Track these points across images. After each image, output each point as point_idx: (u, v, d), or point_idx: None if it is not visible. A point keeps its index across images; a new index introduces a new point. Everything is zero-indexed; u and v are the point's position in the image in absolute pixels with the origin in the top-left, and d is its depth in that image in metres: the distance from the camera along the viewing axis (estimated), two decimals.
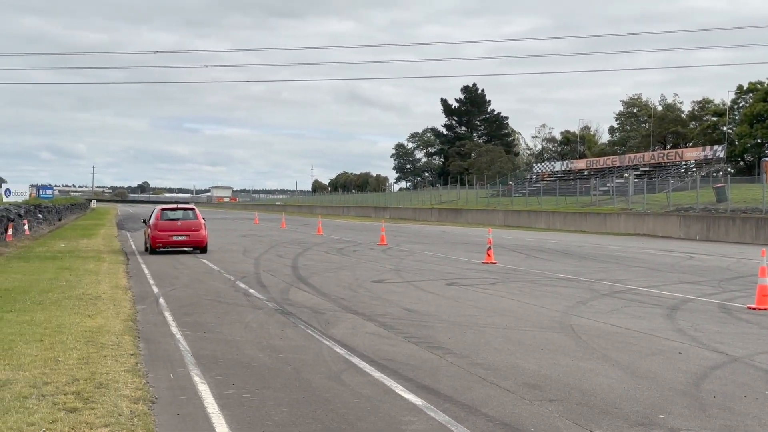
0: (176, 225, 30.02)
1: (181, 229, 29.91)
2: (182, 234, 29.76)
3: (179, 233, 29.73)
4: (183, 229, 29.91)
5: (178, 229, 29.88)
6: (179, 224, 30.11)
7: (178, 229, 29.86)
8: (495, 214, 74.10)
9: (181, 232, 29.80)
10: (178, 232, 29.76)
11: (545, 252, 32.41)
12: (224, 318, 13.79)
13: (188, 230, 29.96)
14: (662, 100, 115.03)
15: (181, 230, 29.85)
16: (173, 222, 30.14)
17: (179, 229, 29.89)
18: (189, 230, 29.97)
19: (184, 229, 29.93)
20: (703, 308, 15.46)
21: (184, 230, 29.90)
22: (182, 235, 29.75)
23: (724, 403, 8.19)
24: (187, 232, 29.88)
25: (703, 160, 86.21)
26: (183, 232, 29.81)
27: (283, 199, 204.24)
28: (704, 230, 47.23)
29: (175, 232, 29.69)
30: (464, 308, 15.20)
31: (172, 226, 29.87)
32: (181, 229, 29.88)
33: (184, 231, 29.87)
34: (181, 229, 29.89)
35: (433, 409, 7.87)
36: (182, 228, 29.95)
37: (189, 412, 7.76)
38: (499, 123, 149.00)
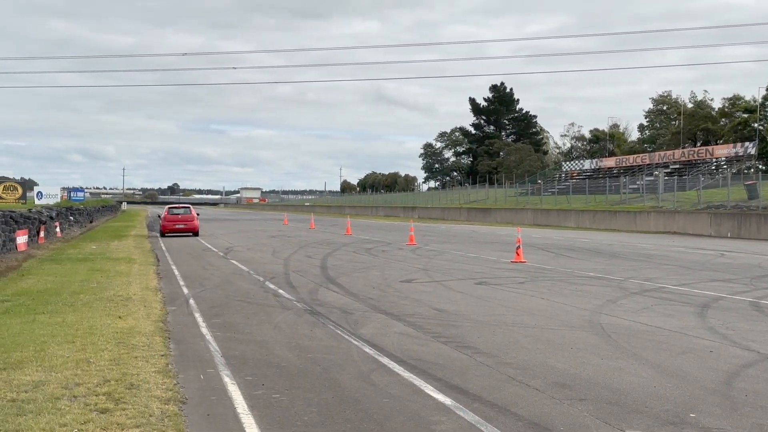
0: (177, 218, 45.02)
1: (180, 220, 44.83)
2: (181, 223, 44.56)
3: (180, 223, 44.64)
4: (182, 220, 44.83)
5: (179, 220, 44.81)
6: (179, 217, 45.09)
7: (179, 220, 44.79)
8: (524, 213, 73.88)
9: (180, 222, 44.73)
10: (179, 222, 44.68)
11: (574, 251, 32.28)
12: (253, 318, 13.84)
13: (185, 221, 44.79)
14: (692, 97, 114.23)
15: (180, 221, 44.74)
16: (176, 216, 45.28)
17: (179, 220, 44.81)
18: (186, 221, 44.80)
19: (183, 220, 44.83)
20: (735, 306, 15.35)
21: (183, 221, 44.78)
22: (181, 224, 44.53)
23: (756, 401, 8.12)
24: (184, 222, 44.73)
25: (734, 157, 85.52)
26: (182, 222, 44.71)
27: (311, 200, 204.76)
28: (735, 228, 46.85)
29: (177, 222, 44.65)
30: (493, 307, 15.17)
31: (175, 219, 44.88)
32: (180, 220, 44.80)
33: (183, 221, 44.77)
34: (181, 220, 44.81)
35: (463, 408, 7.87)
36: (181, 219, 44.88)
37: (219, 413, 7.80)
38: (528, 122, 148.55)
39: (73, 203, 67.54)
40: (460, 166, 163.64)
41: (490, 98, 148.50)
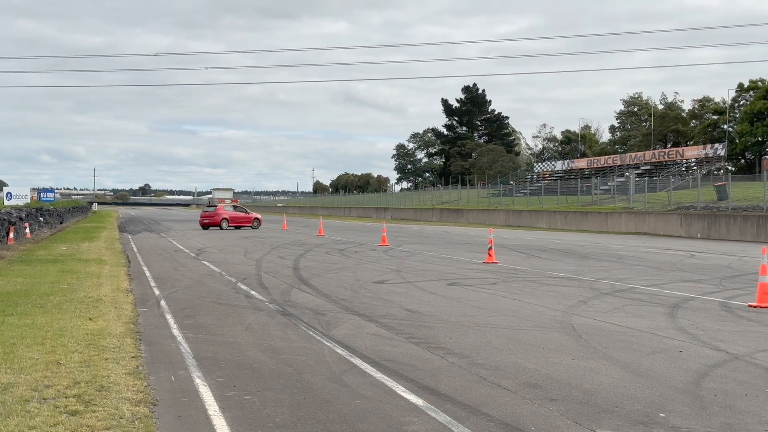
0: (207, 213, 56.85)
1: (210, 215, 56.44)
2: (207, 218, 56.05)
3: (208, 218, 56.06)
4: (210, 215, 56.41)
5: (209, 215, 56.37)
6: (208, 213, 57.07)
7: (208, 216, 56.33)
8: (496, 214, 74.09)
9: (209, 217, 56.21)
10: (208, 217, 56.13)
11: (546, 251, 32.41)
12: (225, 320, 13.80)
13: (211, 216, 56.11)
14: (663, 98, 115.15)
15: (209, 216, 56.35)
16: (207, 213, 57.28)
17: (209, 215, 56.36)
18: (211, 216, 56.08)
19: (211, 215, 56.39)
20: (704, 306, 15.47)
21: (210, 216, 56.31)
22: (207, 218, 56.03)
23: (724, 401, 8.19)
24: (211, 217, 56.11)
25: (704, 159, 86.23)
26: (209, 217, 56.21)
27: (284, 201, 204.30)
28: (705, 228, 47.23)
29: (207, 218, 56.12)
30: (465, 308, 15.21)
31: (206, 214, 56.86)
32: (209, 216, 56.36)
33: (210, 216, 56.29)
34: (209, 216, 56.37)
35: (434, 409, 7.88)
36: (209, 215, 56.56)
37: (190, 415, 7.77)
38: (500, 123, 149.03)
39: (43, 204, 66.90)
40: (432, 167, 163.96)
41: (462, 99, 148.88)
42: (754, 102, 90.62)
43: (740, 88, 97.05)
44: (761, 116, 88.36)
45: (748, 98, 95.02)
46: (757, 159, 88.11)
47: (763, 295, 15.27)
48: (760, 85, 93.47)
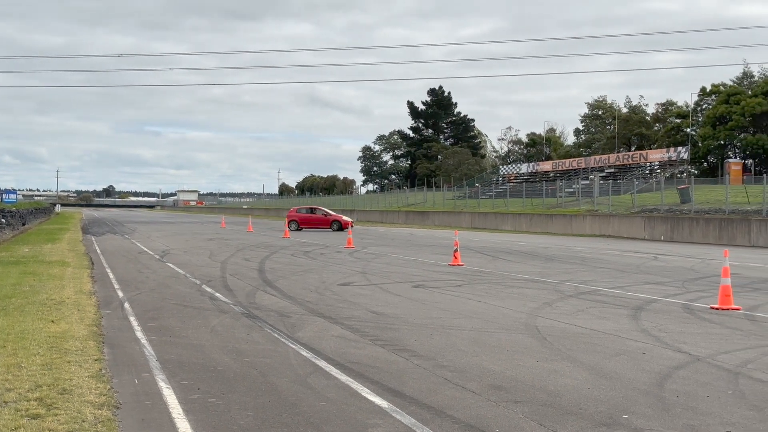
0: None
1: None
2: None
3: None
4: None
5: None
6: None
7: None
8: (462, 216, 74.28)
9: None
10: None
11: (511, 254, 32.54)
12: (190, 322, 13.72)
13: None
14: (627, 102, 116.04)
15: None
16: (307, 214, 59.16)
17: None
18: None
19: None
20: (667, 309, 15.60)
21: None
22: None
23: (686, 402, 8.26)
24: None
25: (667, 162, 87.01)
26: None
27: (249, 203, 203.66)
28: (669, 231, 47.64)
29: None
30: (431, 310, 15.23)
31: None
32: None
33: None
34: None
35: (399, 411, 7.88)
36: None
37: (154, 418, 7.72)
38: (466, 125, 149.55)
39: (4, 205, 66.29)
40: (398, 169, 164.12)
41: (428, 102, 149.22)
42: (717, 106, 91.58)
43: (703, 92, 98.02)
44: (723, 120, 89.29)
45: (711, 102, 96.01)
46: (719, 162, 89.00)
47: (725, 297, 15.42)
48: (722, 90, 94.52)
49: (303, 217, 59.01)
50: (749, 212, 44.30)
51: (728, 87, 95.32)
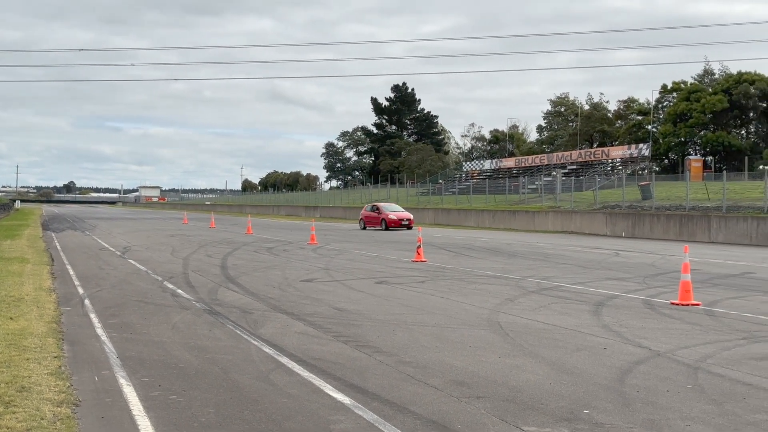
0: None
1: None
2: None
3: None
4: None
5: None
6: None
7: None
8: (425, 212, 74.40)
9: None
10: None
11: (474, 250, 32.64)
12: (151, 319, 13.62)
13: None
14: (589, 99, 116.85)
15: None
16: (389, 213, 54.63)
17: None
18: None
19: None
20: (628, 304, 15.71)
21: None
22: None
23: (647, 397, 8.32)
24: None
25: (629, 159, 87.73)
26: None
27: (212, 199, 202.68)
28: (630, 227, 48.00)
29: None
30: (393, 307, 15.24)
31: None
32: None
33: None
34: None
35: (361, 407, 7.87)
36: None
37: (114, 415, 7.65)
38: (429, 122, 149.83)
39: None
40: (362, 165, 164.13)
41: (391, 98, 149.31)
42: (677, 103, 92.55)
43: (664, 90, 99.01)
44: (684, 117, 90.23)
45: (672, 100, 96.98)
46: (680, 159, 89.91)
47: (684, 292, 15.56)
48: (683, 87, 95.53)
49: (367, 216, 56.27)
50: (709, 209, 44.76)
51: (689, 85, 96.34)
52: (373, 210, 56.12)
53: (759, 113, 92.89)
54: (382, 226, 53.39)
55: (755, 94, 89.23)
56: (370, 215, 55.85)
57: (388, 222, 53.16)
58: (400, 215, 54.44)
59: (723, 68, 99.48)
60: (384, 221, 53.51)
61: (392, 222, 53.05)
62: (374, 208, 56.41)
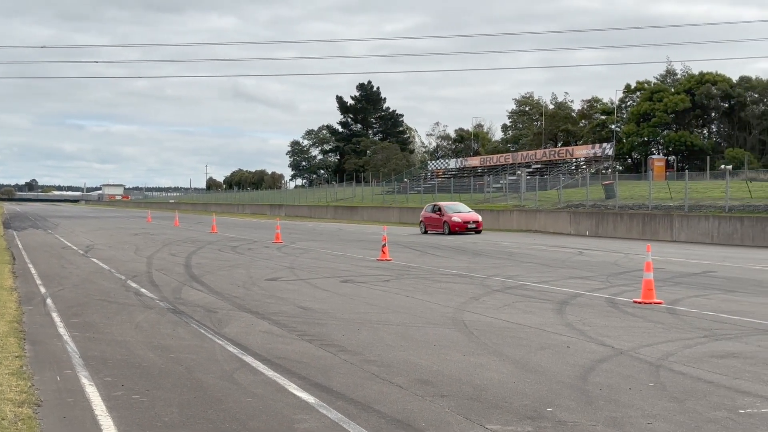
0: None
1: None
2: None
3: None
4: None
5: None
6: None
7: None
8: (390, 211, 74.45)
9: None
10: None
11: (440, 249, 32.70)
12: (114, 318, 13.54)
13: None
14: (553, 98, 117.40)
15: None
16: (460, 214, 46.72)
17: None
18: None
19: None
20: (592, 303, 15.82)
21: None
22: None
23: (609, 395, 8.39)
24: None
25: (593, 158, 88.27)
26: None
27: (176, 197, 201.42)
28: (593, 226, 48.30)
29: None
30: (358, 305, 15.24)
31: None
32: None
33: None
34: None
35: (326, 406, 7.87)
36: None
37: (76, 415, 7.60)
38: (395, 120, 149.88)
39: None
40: (327, 164, 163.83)
41: (357, 97, 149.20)
42: (641, 103, 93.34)
43: (627, 90, 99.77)
44: (647, 117, 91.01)
45: (635, 99, 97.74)
46: (643, 159, 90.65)
47: (647, 291, 15.68)
48: (645, 87, 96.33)
49: (428, 218, 48.08)
50: (671, 208, 45.14)
51: (652, 85, 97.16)
52: (434, 211, 47.94)
53: (720, 113, 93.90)
54: (445, 230, 45.66)
55: (717, 94, 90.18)
56: (431, 217, 47.86)
57: (452, 225, 45.26)
58: (466, 217, 46.47)
59: (685, 68, 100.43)
60: (447, 224, 45.68)
61: (456, 225, 45.22)
62: (436, 208, 48.16)
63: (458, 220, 45.41)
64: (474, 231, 45.49)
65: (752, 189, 45.33)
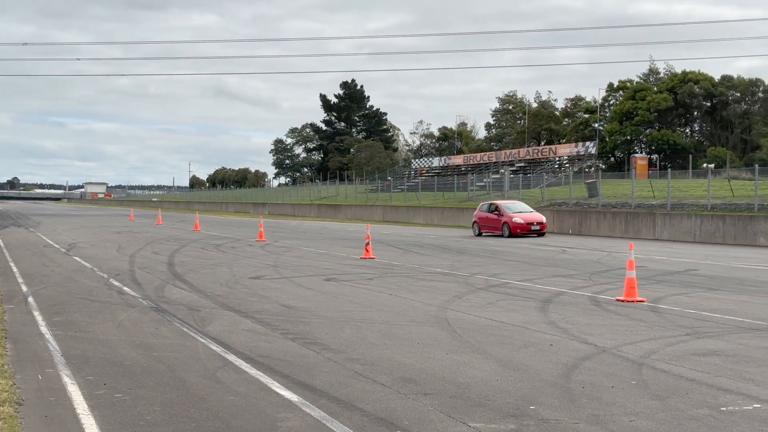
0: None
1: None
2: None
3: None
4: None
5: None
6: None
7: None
8: (374, 209, 74.45)
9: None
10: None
11: (423, 247, 32.73)
12: (96, 317, 13.48)
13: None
14: (537, 97, 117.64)
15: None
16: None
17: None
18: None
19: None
20: (575, 301, 15.86)
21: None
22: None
23: (592, 393, 8.41)
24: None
25: (576, 156, 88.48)
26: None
27: (160, 195, 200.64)
28: (577, 225, 48.45)
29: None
30: (342, 304, 15.23)
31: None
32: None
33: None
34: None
35: (309, 405, 7.85)
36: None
37: (57, 414, 7.56)
38: (378, 119, 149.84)
39: None
40: (310, 162, 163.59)
41: (340, 95, 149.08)
42: (623, 102, 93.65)
43: (610, 88, 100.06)
44: (630, 116, 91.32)
45: (618, 98, 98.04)
46: (626, 157, 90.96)
47: (630, 289, 15.74)
48: (628, 86, 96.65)
49: (483, 219, 44.26)
50: (654, 206, 45.30)
51: (635, 83, 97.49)
52: (491, 210, 43.82)
53: (703, 112, 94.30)
54: (504, 232, 41.66)
55: (699, 93, 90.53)
56: (487, 217, 43.81)
57: (513, 227, 41.18)
58: (528, 217, 42.38)
59: (668, 67, 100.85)
60: (506, 226, 41.62)
61: (518, 227, 41.16)
62: (493, 207, 43.99)
63: (520, 221, 41.54)
64: (537, 233, 41.63)
65: (734, 188, 45.54)
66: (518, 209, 43.50)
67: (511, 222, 41.37)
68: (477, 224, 44.43)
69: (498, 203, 44.50)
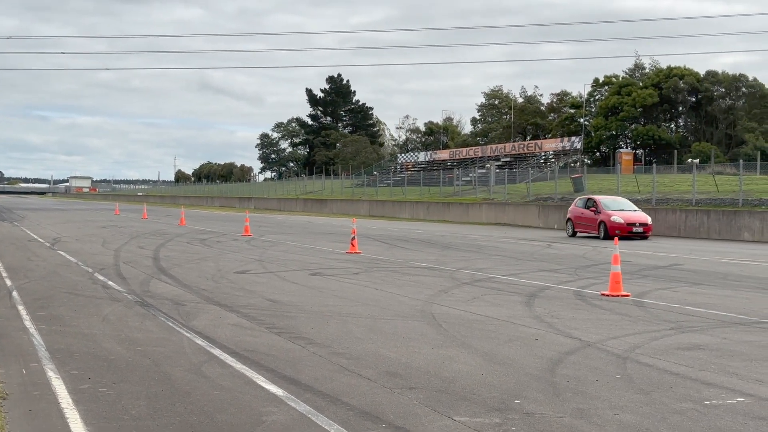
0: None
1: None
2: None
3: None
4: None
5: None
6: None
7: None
8: (360, 204, 74.45)
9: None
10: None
11: (409, 242, 32.75)
12: (81, 311, 13.43)
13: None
14: (523, 92, 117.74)
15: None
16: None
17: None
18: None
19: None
20: (560, 295, 15.90)
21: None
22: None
23: (577, 387, 8.43)
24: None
25: (561, 151, 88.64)
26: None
27: (145, 190, 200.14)
28: (562, 219, 48.48)
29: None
30: (327, 298, 15.22)
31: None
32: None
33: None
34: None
35: (294, 399, 7.85)
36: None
37: (42, 408, 7.53)
38: (364, 113, 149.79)
39: None
40: (297, 156, 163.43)
41: (326, 89, 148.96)
42: (609, 97, 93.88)
43: (596, 84, 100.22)
44: (615, 111, 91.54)
45: (604, 93, 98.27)
46: (611, 152, 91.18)
47: (614, 284, 15.78)
48: (614, 81, 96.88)
49: (579, 217, 38.32)
50: (639, 201, 45.41)
51: (620, 79, 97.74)
52: (587, 206, 37.92)
53: (688, 107, 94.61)
54: (600, 232, 35.80)
55: (684, 88, 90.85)
56: (582, 214, 38.00)
57: (611, 227, 35.00)
58: (631, 217, 36.10)
59: (653, 63, 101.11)
60: (603, 225, 35.73)
61: (616, 227, 34.84)
62: (590, 203, 37.97)
63: (619, 220, 35.39)
64: (640, 236, 35.63)
65: (718, 183, 45.72)
66: (618, 206, 37.27)
67: (609, 221, 35.42)
68: (571, 222, 38.71)
69: (596, 198, 38.12)
